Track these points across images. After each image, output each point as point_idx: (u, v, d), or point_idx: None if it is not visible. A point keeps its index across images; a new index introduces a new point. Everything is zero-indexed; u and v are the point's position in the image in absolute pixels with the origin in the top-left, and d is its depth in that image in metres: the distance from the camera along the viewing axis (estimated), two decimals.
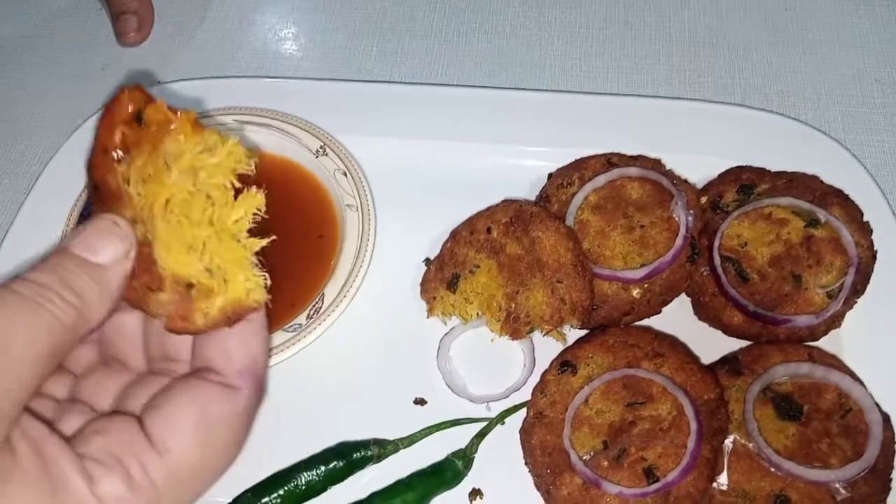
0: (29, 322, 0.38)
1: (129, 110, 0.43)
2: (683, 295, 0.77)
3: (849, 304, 0.72)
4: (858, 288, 0.73)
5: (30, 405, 0.39)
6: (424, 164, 0.86)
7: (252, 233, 0.44)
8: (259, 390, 0.45)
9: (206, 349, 0.45)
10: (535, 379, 0.73)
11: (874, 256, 0.74)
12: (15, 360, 0.37)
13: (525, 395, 0.73)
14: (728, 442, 0.66)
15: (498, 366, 0.75)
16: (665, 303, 0.75)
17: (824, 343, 0.73)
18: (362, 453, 0.70)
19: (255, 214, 0.44)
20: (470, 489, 0.70)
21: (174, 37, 1.02)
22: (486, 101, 0.89)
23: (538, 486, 0.68)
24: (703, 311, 0.76)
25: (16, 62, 1.03)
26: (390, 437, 0.71)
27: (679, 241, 0.73)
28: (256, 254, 0.44)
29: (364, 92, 0.90)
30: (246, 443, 0.45)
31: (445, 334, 0.77)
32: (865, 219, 0.75)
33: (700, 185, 0.80)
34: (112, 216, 0.44)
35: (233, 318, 0.44)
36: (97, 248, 0.42)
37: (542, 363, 0.74)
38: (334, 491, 0.69)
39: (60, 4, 1.07)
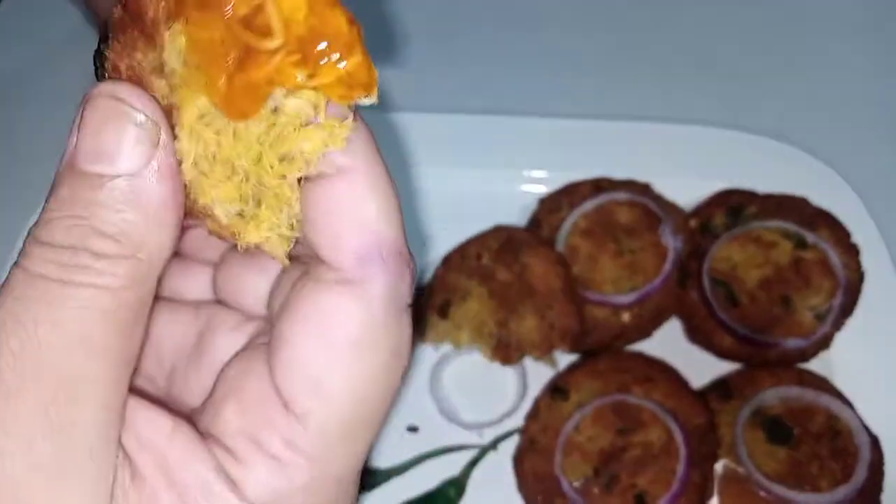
0: (69, 318, 0.26)
1: None
2: (675, 318, 0.78)
3: (837, 325, 0.73)
4: (847, 309, 0.73)
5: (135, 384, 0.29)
6: (415, 190, 0.87)
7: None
8: (397, 271, 0.29)
9: (311, 233, 0.29)
10: (527, 405, 0.74)
11: (862, 278, 0.74)
12: (78, 377, 0.26)
13: (517, 420, 0.73)
14: (718, 466, 0.67)
15: (490, 392, 0.76)
16: (656, 327, 0.75)
17: (814, 365, 0.73)
18: None
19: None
20: None
21: None
22: (476, 126, 0.90)
23: None
24: (695, 334, 0.76)
25: (14, 94, 1.04)
26: (382, 465, 0.72)
27: (667, 265, 0.73)
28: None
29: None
30: (409, 343, 0.31)
31: (437, 361, 0.77)
32: (854, 240, 0.76)
33: (690, 209, 0.81)
34: (116, 87, 0.28)
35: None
36: (111, 151, 0.27)
37: (535, 388, 0.74)
38: None
39: (58, 36, 1.09)
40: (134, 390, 0.29)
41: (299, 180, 0.29)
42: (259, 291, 0.34)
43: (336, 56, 0.28)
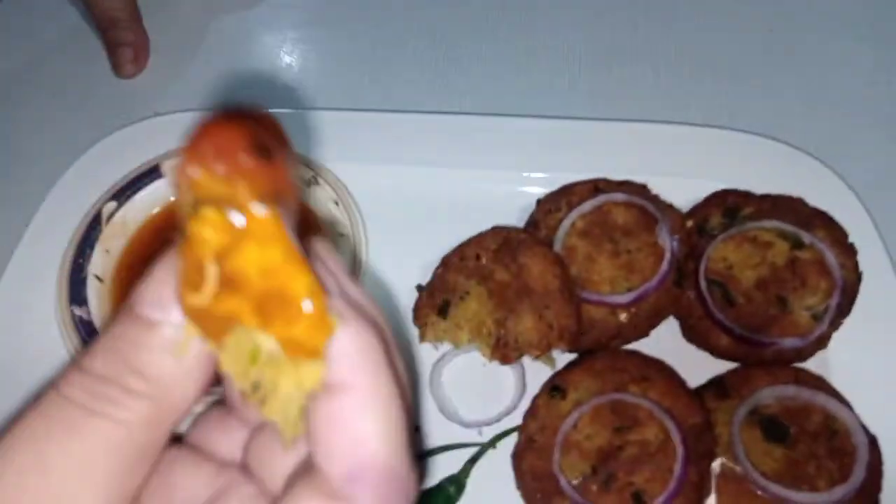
0: (80, 444, 0.27)
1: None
2: (672, 318, 0.78)
3: (835, 325, 0.73)
4: (844, 309, 0.74)
5: None
6: (416, 191, 0.87)
7: None
8: (388, 496, 0.28)
9: (310, 438, 0.29)
10: (526, 403, 0.74)
11: (859, 278, 0.75)
12: (71, 501, 0.27)
13: (516, 419, 0.74)
14: (716, 465, 0.67)
15: (489, 391, 0.76)
16: (653, 326, 0.76)
17: (811, 364, 0.73)
18: None
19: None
20: None
21: (169, 68, 1.04)
22: (475, 127, 0.90)
23: None
24: (691, 334, 0.77)
25: (12, 94, 1.04)
26: None
27: (664, 265, 0.74)
28: None
29: (354, 120, 0.92)
30: None
31: (437, 360, 0.78)
32: (851, 240, 0.77)
33: (686, 209, 0.81)
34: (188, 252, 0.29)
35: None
36: (165, 300, 0.29)
37: (533, 387, 0.75)
38: None
39: (54, 37, 1.10)
40: None
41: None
42: (282, 469, 0.33)
43: (286, 320, 0.29)
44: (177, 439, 0.35)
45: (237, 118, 0.28)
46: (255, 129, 0.28)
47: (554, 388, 0.72)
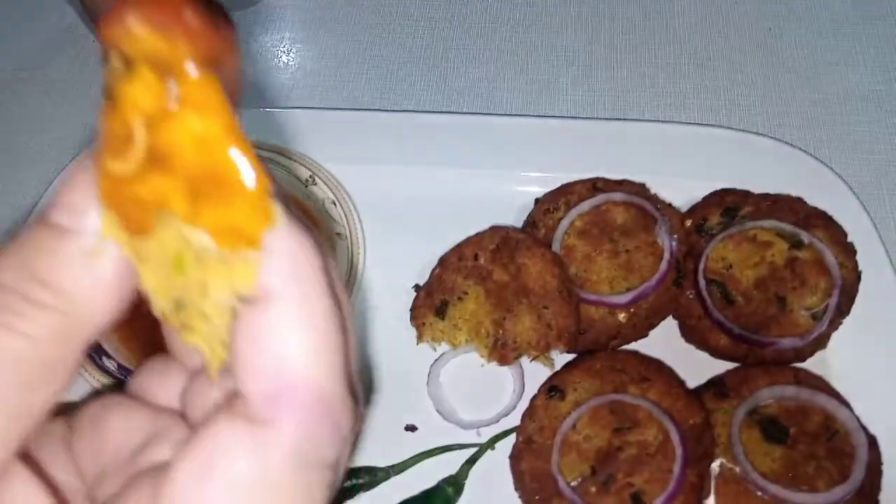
0: None
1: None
2: (671, 318, 0.78)
3: (834, 325, 0.73)
4: (843, 309, 0.73)
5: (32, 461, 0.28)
6: (413, 190, 0.87)
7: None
8: (315, 421, 0.25)
9: (231, 359, 0.26)
10: (524, 404, 0.74)
11: (858, 277, 0.75)
12: None
13: (515, 420, 0.73)
14: (715, 466, 0.67)
15: (488, 391, 0.76)
16: (651, 326, 0.76)
17: (810, 364, 0.73)
18: (352, 481, 0.70)
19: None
20: None
21: None
22: (473, 127, 0.90)
23: None
24: (690, 334, 0.76)
25: (9, 94, 1.04)
26: (381, 464, 0.72)
27: (663, 265, 0.73)
28: None
29: (352, 120, 0.91)
30: None
31: (435, 360, 0.77)
32: (850, 239, 0.76)
33: (685, 208, 0.81)
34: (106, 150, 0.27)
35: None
36: (82, 207, 0.27)
37: (532, 388, 0.74)
38: None
39: (52, 36, 1.09)
40: (31, 459, 0.28)
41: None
42: (211, 403, 0.31)
43: (222, 204, 0.25)
44: (118, 388, 0.33)
45: None
46: None
47: (552, 388, 0.72)
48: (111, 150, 0.26)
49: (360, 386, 0.28)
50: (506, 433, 0.73)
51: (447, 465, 0.72)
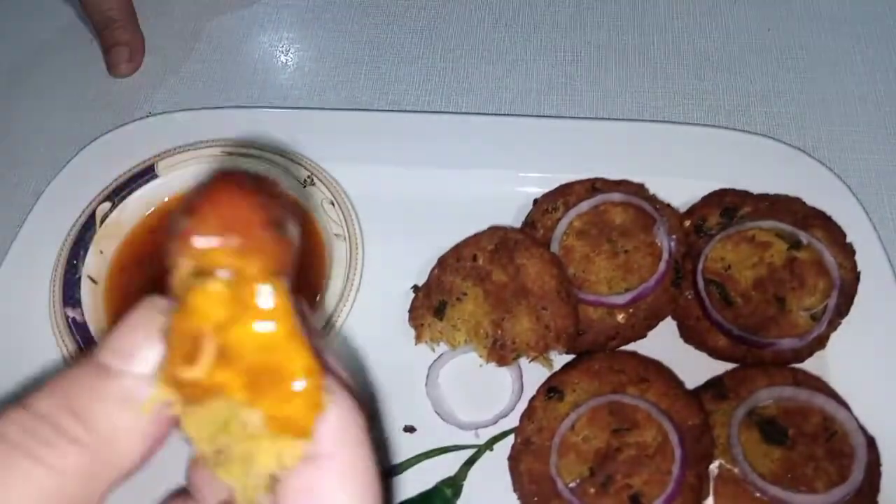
0: (4, 482, 0.25)
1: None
2: (670, 318, 0.78)
3: (833, 325, 0.73)
4: (842, 309, 0.73)
5: None
6: (412, 191, 0.87)
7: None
8: None
9: None
10: (523, 405, 0.74)
11: (857, 278, 0.74)
12: None
13: (513, 421, 0.73)
14: (714, 467, 0.67)
15: (486, 392, 0.76)
16: (650, 327, 0.75)
17: (809, 365, 0.73)
18: None
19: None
20: None
21: (164, 68, 1.04)
22: (472, 127, 0.90)
23: None
24: (689, 335, 0.76)
25: (7, 94, 1.04)
26: (379, 465, 0.72)
27: (662, 265, 0.73)
28: None
29: (351, 120, 0.91)
30: None
31: (434, 361, 0.77)
32: (849, 240, 0.76)
33: (684, 209, 0.81)
34: (161, 302, 0.29)
35: None
36: (131, 350, 0.28)
37: (530, 389, 0.74)
38: None
39: (49, 36, 1.09)
40: None
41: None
42: None
43: (279, 398, 0.28)
44: None
45: (248, 187, 0.27)
46: (268, 201, 0.27)
47: (551, 389, 0.72)
48: (179, 353, 0.27)
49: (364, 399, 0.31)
50: (504, 434, 0.73)
51: (445, 467, 0.72)
